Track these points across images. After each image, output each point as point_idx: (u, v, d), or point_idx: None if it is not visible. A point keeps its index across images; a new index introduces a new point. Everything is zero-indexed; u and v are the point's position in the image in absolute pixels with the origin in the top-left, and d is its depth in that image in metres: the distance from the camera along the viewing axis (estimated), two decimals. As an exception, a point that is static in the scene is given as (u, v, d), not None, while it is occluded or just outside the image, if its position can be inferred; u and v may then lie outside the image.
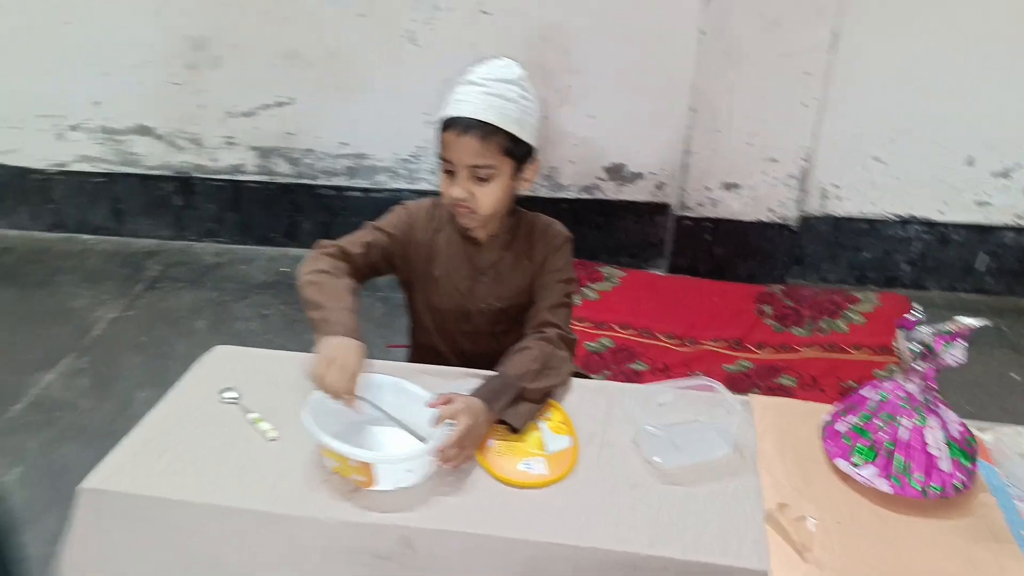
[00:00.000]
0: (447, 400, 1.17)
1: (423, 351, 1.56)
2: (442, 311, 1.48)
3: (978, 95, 2.28)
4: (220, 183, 2.81)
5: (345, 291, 1.27)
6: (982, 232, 2.50)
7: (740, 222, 2.51)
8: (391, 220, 1.42)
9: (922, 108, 2.32)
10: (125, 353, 2.41)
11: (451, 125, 1.26)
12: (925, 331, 1.13)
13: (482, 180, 1.28)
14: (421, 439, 1.13)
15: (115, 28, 2.54)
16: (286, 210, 2.84)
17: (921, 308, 1.16)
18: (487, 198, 1.31)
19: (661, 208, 2.64)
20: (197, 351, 2.42)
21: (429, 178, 2.73)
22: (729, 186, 2.45)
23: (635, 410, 1.25)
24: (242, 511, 1.10)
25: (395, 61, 2.47)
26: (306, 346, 1.45)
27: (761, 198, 2.45)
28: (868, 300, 2.45)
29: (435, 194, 1.31)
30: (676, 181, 2.53)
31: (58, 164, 2.87)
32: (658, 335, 2.35)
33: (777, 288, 2.53)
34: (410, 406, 1.19)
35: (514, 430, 1.21)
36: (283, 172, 2.77)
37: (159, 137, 2.75)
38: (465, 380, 1.31)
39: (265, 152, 2.72)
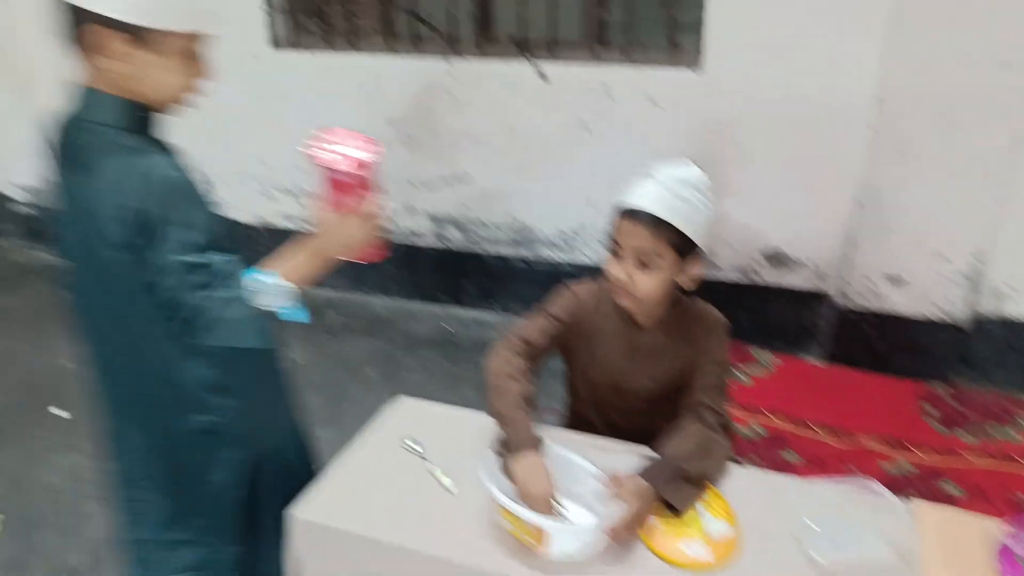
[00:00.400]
0: (617, 480, 1.26)
1: (577, 420, 1.66)
2: (598, 386, 1.57)
3: None
4: (398, 245, 3.10)
5: (526, 402, 1.39)
6: None
7: (904, 317, 2.45)
8: (561, 305, 1.54)
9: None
10: (305, 393, 2.67)
11: (627, 213, 1.37)
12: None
13: (644, 266, 1.38)
14: (590, 513, 1.22)
15: (327, 109, 2.90)
16: (453, 273, 3.08)
17: None
18: (646, 284, 1.39)
19: (819, 297, 2.63)
20: (369, 398, 2.67)
21: (588, 253, 2.87)
22: (894, 280, 2.41)
23: (795, 503, 1.29)
24: (425, 555, 1.23)
25: (568, 145, 2.66)
26: (469, 402, 1.62)
27: (928, 294, 2.39)
28: (1044, 410, 2.31)
29: (593, 270, 1.40)
30: (837, 271, 2.52)
31: (263, 219, 3.28)
32: (812, 426, 2.33)
33: (943, 388, 2.44)
34: (579, 479, 1.30)
35: (675, 511, 1.27)
36: (454, 239, 3.01)
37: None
38: (625, 455, 1.40)
39: (440, 220, 2.98)
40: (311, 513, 1.33)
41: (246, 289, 1.17)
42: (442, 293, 3.14)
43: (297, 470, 1.57)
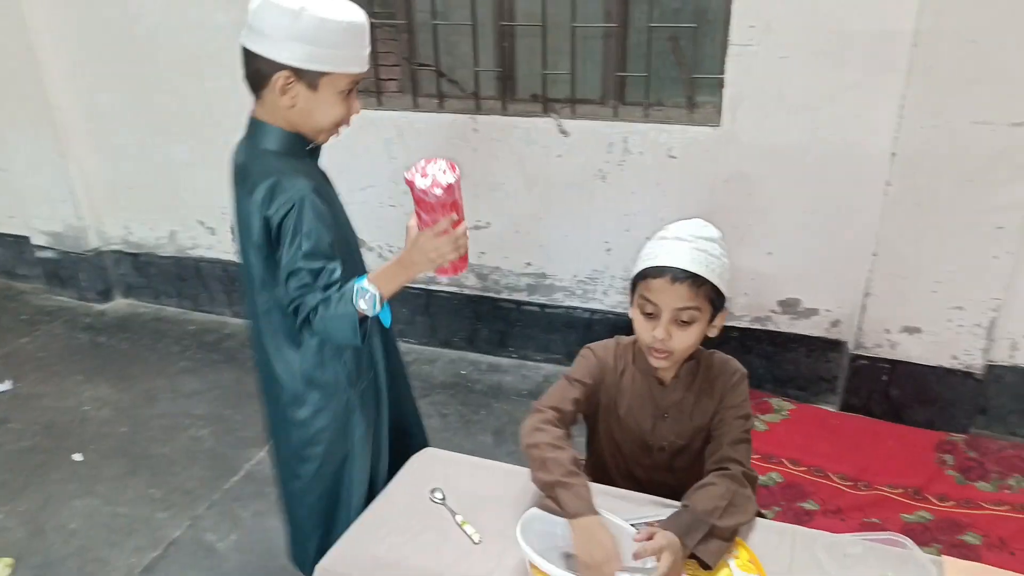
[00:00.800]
0: (650, 536, 1.27)
1: (598, 477, 1.65)
2: (622, 444, 1.60)
3: None
4: (416, 291, 3.14)
5: (578, 467, 1.38)
6: None
7: (920, 366, 2.47)
8: (584, 369, 1.55)
9: None
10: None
11: (661, 274, 1.39)
12: None
13: (684, 323, 1.41)
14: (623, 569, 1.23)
15: (351, 161, 2.97)
16: (468, 318, 3.11)
17: None
18: (686, 341, 1.43)
19: (835, 345, 2.65)
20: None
21: (602, 299, 2.90)
22: (910, 330, 2.44)
23: (822, 558, 1.30)
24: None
25: (585, 194, 2.72)
26: (484, 446, 1.63)
27: (944, 344, 2.41)
28: (1064, 460, 2.31)
29: (604, 313, 1.41)
30: (853, 320, 2.55)
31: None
32: (830, 475, 2.33)
33: (960, 437, 2.44)
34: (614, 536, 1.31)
35: (706, 566, 1.28)
36: (471, 285, 3.05)
37: (370, 249, 3.13)
38: (652, 508, 1.42)
39: (458, 266, 3.03)
40: (338, 565, 1.35)
41: (349, 292, 1.35)
42: (457, 337, 3.17)
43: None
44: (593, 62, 2.73)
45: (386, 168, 2.95)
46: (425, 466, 1.62)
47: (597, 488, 1.44)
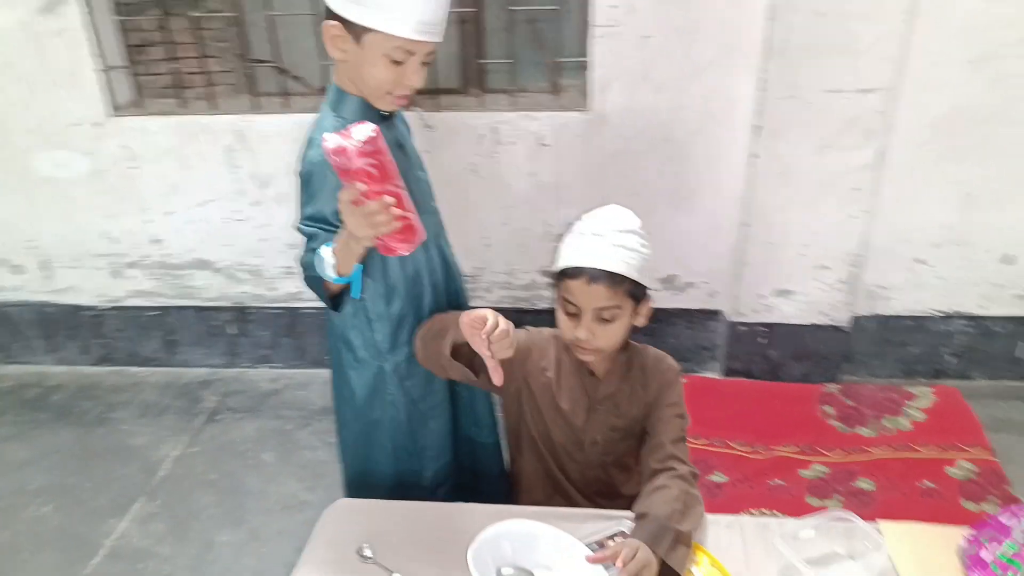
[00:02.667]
0: (615, 554, 1.21)
1: (529, 480, 1.61)
2: (556, 441, 1.54)
3: (1013, 202, 2.45)
4: (277, 311, 2.85)
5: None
6: (1022, 323, 2.62)
7: (794, 325, 2.60)
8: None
9: (962, 216, 2.47)
10: (196, 492, 2.39)
11: (579, 274, 1.36)
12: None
13: (606, 321, 1.38)
14: None
15: (183, 171, 2.62)
16: (342, 333, 2.88)
17: None
18: (610, 337, 1.41)
19: (713, 314, 2.74)
20: (271, 486, 2.43)
21: (484, 295, 2.79)
22: (783, 293, 2.55)
23: (774, 545, 1.30)
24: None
25: (459, 190, 2.57)
26: None
27: (813, 303, 2.56)
28: (924, 395, 2.53)
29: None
30: (729, 289, 2.63)
31: (112, 300, 2.90)
32: (731, 443, 2.40)
33: (835, 387, 2.61)
34: (565, 556, 1.25)
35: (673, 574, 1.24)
36: (341, 297, 2.82)
37: (218, 270, 2.79)
38: (596, 522, 1.36)
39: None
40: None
41: (318, 258, 1.35)
42: (330, 356, 2.93)
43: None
44: (448, 49, 2.58)
45: (228, 178, 2.63)
46: (343, 520, 1.46)
47: (534, 511, 1.37)
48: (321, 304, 1.49)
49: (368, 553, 1.34)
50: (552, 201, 2.58)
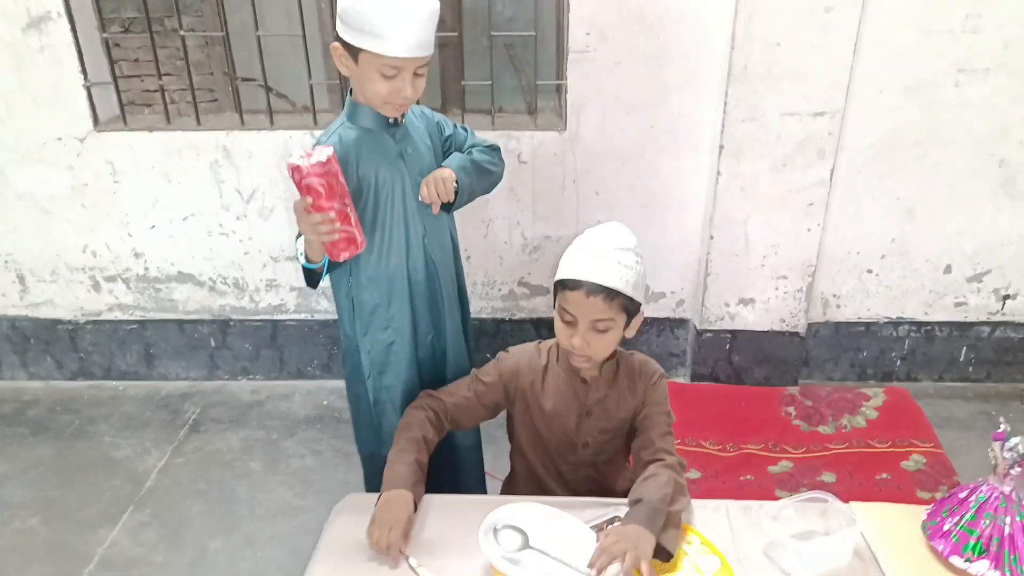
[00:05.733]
0: (613, 540, 1.31)
1: (525, 479, 1.72)
2: (549, 444, 1.65)
3: (952, 217, 2.67)
4: (258, 323, 2.90)
5: (414, 444, 1.52)
6: (962, 328, 2.85)
7: (755, 331, 2.78)
8: (493, 370, 1.63)
9: (904, 229, 2.69)
10: (186, 501, 2.42)
11: (578, 287, 1.45)
12: (1017, 441, 1.34)
13: (600, 331, 1.48)
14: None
15: (167, 186, 2.66)
16: (324, 344, 2.94)
17: (1005, 422, 1.38)
18: (603, 346, 1.51)
19: (681, 322, 2.90)
20: (260, 494, 2.49)
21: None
22: (745, 301, 2.73)
23: (757, 527, 1.43)
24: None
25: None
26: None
27: (774, 310, 2.74)
28: (876, 396, 2.73)
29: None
30: (697, 298, 2.80)
31: (90, 314, 2.91)
32: (702, 442, 2.55)
33: (795, 390, 2.79)
34: (573, 536, 1.35)
35: (666, 557, 1.36)
36: (322, 309, 2.89)
37: (200, 284, 2.84)
38: (596, 509, 1.47)
39: (306, 292, 2.85)
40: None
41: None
42: (311, 367, 2.99)
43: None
44: (430, 71, 2.68)
45: (212, 193, 2.69)
46: (353, 513, 1.53)
47: (538, 500, 1.45)
48: (302, 315, 1.65)
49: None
50: (530, 215, 2.71)
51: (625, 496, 1.48)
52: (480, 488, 1.97)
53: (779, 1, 2.30)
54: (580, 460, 1.65)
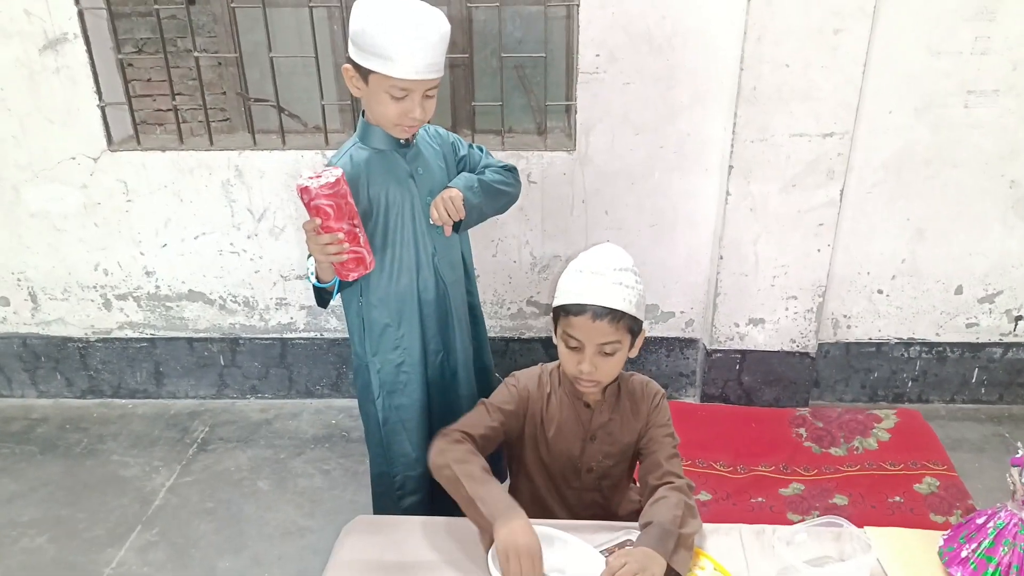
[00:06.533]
0: (622, 563, 1.29)
1: (529, 502, 1.69)
2: (553, 469, 1.64)
3: (963, 237, 2.66)
4: (267, 341, 2.91)
5: (488, 471, 1.43)
6: (973, 349, 2.83)
7: (765, 352, 2.77)
8: (506, 397, 1.59)
9: (914, 249, 2.68)
10: (194, 521, 2.41)
11: (582, 311, 1.44)
12: (1035, 465, 1.33)
13: (607, 355, 1.47)
14: None
15: (179, 204, 2.68)
16: (332, 363, 2.95)
17: (1023, 447, 1.37)
18: (611, 369, 1.50)
19: (691, 342, 2.89)
20: (268, 513, 2.48)
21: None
22: (755, 321, 2.72)
23: (771, 550, 1.41)
24: None
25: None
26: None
27: (784, 330, 2.73)
28: (888, 417, 2.71)
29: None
30: (707, 318, 2.79)
31: (100, 332, 2.92)
32: (713, 464, 2.53)
33: (805, 411, 2.77)
34: (578, 561, 1.34)
35: None
36: (332, 328, 2.89)
37: (210, 302, 2.85)
38: (607, 533, 1.46)
39: (315, 310, 2.86)
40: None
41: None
42: (319, 385, 2.99)
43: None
44: (441, 92, 2.70)
45: (224, 212, 2.71)
46: (362, 534, 1.52)
47: (543, 523, 1.44)
48: (311, 334, 1.66)
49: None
50: (539, 235, 2.72)
51: (628, 520, 1.47)
52: None
53: (788, 22, 2.32)
54: (584, 485, 1.64)
